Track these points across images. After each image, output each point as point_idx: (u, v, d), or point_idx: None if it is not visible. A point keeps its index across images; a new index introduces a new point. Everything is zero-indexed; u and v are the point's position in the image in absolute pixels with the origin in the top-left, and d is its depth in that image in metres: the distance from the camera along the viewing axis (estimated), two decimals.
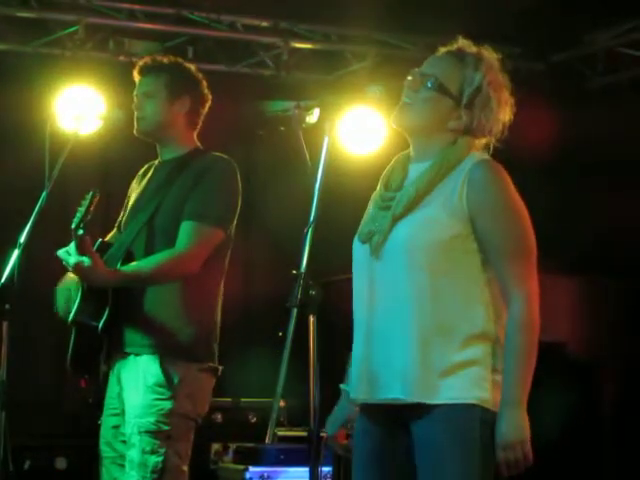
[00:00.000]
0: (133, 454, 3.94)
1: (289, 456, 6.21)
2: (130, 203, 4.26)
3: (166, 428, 3.93)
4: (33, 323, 5.78)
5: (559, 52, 7.57)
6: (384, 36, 7.52)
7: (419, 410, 2.92)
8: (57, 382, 6.86)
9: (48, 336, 4.16)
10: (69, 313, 4.08)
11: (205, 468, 6.50)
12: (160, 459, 3.92)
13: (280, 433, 6.52)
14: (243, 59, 7.54)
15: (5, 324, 3.78)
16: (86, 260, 3.81)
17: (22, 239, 3.88)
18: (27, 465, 6.81)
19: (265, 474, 6.15)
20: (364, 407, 3.09)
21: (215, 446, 6.64)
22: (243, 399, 7.04)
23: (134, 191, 4.30)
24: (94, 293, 3.98)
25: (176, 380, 3.95)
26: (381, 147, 7.16)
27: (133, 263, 3.98)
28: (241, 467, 6.23)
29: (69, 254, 3.84)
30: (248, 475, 6.14)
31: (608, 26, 7.22)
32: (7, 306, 3.78)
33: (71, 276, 4.07)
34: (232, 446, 6.58)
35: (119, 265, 3.98)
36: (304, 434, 2.92)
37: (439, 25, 7.29)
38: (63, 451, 6.95)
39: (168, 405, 3.94)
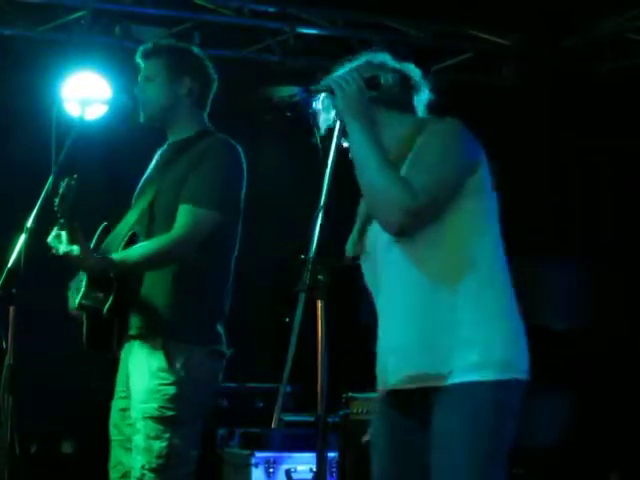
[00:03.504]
0: (138, 439, 3.94)
1: (295, 441, 6.22)
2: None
3: (170, 413, 3.93)
4: (39, 308, 5.78)
5: (568, 38, 7.56)
6: (390, 22, 7.50)
7: (432, 391, 2.95)
8: (63, 367, 6.87)
9: (54, 321, 4.17)
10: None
11: (211, 453, 6.51)
12: (164, 444, 3.92)
13: (286, 418, 6.53)
14: (249, 45, 7.53)
15: (12, 308, 3.79)
16: (75, 249, 3.82)
17: (29, 224, 3.88)
18: (34, 449, 6.84)
19: (271, 459, 6.16)
20: (382, 395, 3.12)
21: (221, 431, 6.65)
22: (249, 384, 7.05)
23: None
24: (100, 278, 3.98)
25: (179, 364, 3.95)
26: None
27: (124, 250, 3.97)
28: (247, 452, 6.24)
29: (60, 242, 3.85)
30: (254, 460, 6.15)
31: (616, 12, 7.20)
32: (14, 290, 3.79)
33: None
34: (238, 431, 6.59)
35: (121, 248, 3.99)
36: (310, 419, 2.93)
37: (446, 11, 7.30)
38: (69, 435, 6.97)
39: (172, 390, 3.94)
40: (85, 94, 6.57)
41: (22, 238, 3.86)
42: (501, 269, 3.03)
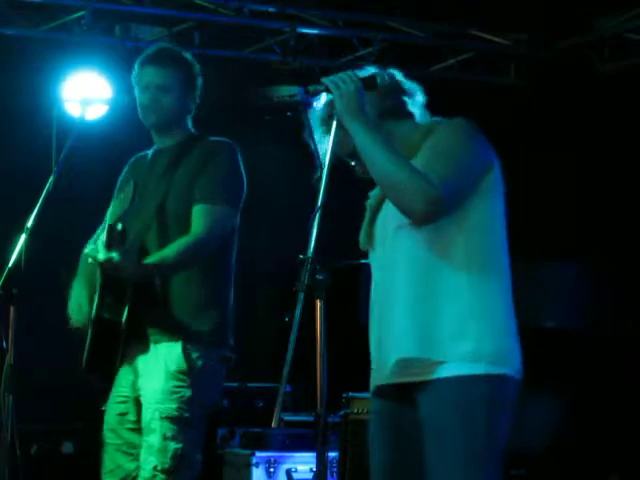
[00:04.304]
0: (153, 439, 3.93)
1: (295, 441, 6.22)
2: (129, 194, 4.22)
3: (187, 415, 3.94)
4: (40, 307, 5.78)
5: (566, 38, 7.56)
6: (391, 22, 7.50)
7: (424, 385, 2.96)
8: (64, 367, 6.87)
9: (55, 320, 4.17)
10: (82, 313, 4.09)
11: (211, 453, 6.51)
12: (180, 446, 3.92)
13: (286, 418, 6.53)
14: (250, 44, 7.53)
15: (12, 309, 3.79)
16: (115, 256, 3.78)
17: (29, 224, 3.88)
18: (34, 450, 6.83)
19: (271, 459, 6.16)
20: (377, 390, 3.12)
21: (221, 431, 6.65)
22: (249, 384, 7.05)
23: (127, 183, 4.26)
24: (112, 288, 3.96)
25: (197, 367, 3.96)
26: None
27: (157, 253, 3.97)
28: (247, 452, 6.24)
29: (97, 251, 3.82)
30: (254, 460, 6.15)
31: (615, 12, 7.20)
32: (14, 291, 3.79)
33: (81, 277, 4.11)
34: (239, 431, 6.59)
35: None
36: (310, 419, 2.94)
37: (446, 11, 7.31)
38: (70, 436, 6.96)
39: (189, 393, 3.95)
40: (85, 94, 6.57)
41: (22, 238, 3.86)
42: (504, 269, 3.05)
